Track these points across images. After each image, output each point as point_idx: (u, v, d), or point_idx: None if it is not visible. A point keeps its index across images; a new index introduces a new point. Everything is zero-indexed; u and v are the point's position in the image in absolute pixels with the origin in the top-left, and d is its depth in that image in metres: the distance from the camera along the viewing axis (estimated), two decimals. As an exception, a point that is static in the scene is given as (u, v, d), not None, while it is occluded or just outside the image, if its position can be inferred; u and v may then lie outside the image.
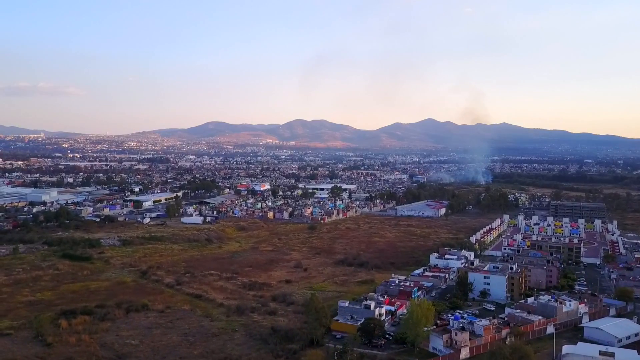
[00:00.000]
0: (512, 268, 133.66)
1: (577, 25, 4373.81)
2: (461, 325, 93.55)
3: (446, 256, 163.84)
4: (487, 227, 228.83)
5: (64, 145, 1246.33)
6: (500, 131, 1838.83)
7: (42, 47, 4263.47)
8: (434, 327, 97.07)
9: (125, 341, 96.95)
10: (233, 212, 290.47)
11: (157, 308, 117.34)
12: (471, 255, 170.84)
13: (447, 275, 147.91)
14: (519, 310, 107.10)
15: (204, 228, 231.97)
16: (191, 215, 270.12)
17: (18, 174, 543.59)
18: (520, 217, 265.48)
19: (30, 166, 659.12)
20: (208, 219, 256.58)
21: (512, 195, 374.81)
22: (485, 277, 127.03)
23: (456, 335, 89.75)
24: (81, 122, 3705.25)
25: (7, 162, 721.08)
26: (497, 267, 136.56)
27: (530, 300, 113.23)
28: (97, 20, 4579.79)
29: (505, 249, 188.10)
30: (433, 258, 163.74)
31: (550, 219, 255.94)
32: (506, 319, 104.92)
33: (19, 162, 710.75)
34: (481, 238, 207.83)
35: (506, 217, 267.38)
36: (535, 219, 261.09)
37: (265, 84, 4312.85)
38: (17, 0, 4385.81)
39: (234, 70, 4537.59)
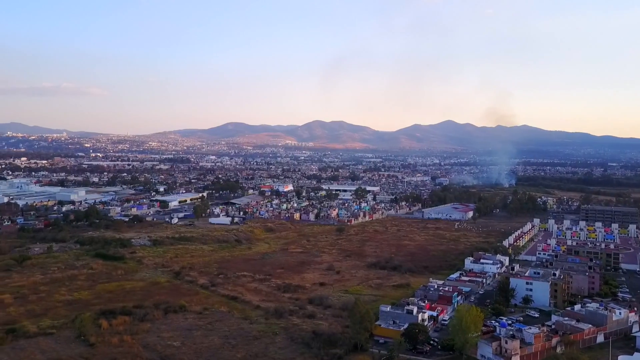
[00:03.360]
0: (554, 274, 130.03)
1: (599, 27, 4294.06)
2: (510, 332, 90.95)
3: (481, 260, 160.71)
4: (519, 231, 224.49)
5: (86, 145, 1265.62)
6: (521, 133, 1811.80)
7: (65, 48, 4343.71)
8: (481, 334, 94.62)
9: (166, 343, 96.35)
10: (259, 213, 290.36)
11: (194, 309, 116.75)
12: (506, 260, 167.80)
13: (484, 280, 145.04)
14: (566, 318, 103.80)
15: (233, 229, 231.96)
16: (218, 215, 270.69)
17: (44, 173, 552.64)
18: (551, 222, 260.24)
19: (55, 165, 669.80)
20: (236, 219, 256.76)
21: (540, 199, 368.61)
22: (527, 283, 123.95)
23: (506, 343, 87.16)
24: (103, 122, 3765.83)
25: (32, 161, 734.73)
26: (538, 273, 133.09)
27: (577, 307, 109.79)
28: (118, 22, 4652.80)
29: (539, 253, 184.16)
30: (468, 262, 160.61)
31: (582, 224, 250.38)
32: (553, 326, 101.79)
33: (44, 162, 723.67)
34: (514, 242, 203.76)
35: (536, 221, 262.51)
36: (567, 223, 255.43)
37: (284, 85, 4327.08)
38: (40, 3, 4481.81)
39: (253, 70, 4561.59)
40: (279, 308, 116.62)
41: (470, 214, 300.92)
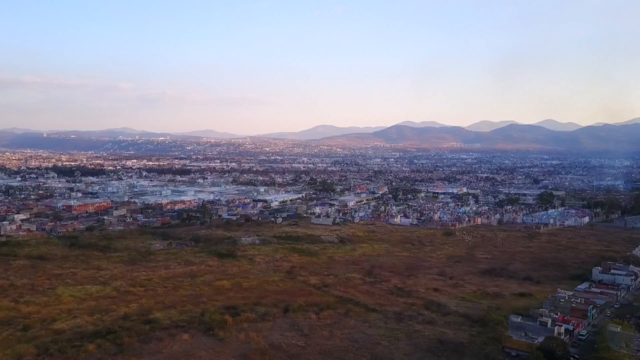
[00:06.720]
0: None
1: None
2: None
3: (612, 271, 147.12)
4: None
5: (188, 148, 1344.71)
6: (634, 132, 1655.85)
7: (169, 58, 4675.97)
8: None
9: (290, 342, 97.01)
10: (358, 215, 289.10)
11: (312, 310, 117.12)
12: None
13: (618, 293, 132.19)
14: None
15: (335, 229, 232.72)
16: (319, 216, 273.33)
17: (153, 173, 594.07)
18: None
19: (163, 167, 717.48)
20: (337, 220, 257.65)
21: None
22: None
23: (667, 366, 77.89)
24: (202, 125, 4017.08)
25: (142, 162, 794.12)
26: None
27: None
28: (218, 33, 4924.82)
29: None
30: (596, 272, 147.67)
31: None
32: None
33: (150, 163, 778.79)
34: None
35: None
36: None
37: (374, 87, 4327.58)
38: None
39: (343, 73, 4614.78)
40: (397, 312, 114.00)
41: (586, 219, 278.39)
